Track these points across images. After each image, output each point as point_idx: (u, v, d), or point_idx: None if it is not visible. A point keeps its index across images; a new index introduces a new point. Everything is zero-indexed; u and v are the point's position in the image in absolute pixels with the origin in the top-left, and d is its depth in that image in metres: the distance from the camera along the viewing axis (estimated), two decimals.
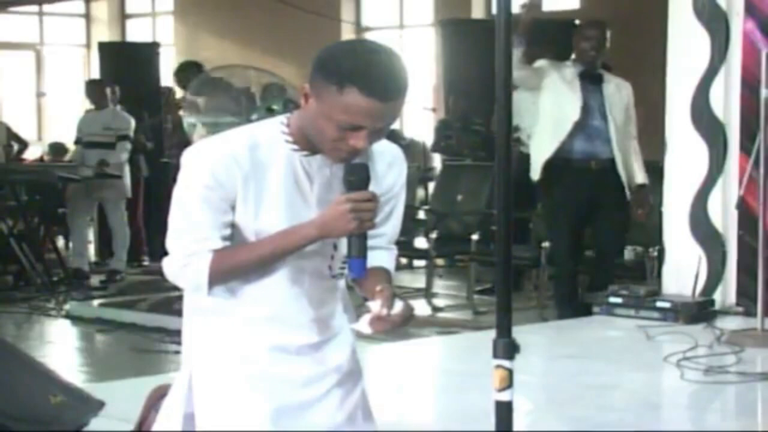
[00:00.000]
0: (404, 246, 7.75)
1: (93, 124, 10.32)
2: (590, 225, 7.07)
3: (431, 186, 10.85)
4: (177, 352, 3.82)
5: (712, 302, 6.57)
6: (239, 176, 2.39)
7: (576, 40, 6.95)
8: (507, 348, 2.55)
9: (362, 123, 2.31)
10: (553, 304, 7.32)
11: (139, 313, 8.07)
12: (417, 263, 10.17)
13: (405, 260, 9.98)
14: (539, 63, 6.91)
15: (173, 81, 10.36)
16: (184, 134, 7.28)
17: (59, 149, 13.42)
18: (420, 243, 8.99)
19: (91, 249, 11.09)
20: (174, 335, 6.01)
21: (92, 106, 10.64)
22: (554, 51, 7.42)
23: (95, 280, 10.01)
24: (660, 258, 7.03)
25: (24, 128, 13.31)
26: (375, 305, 2.37)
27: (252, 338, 2.49)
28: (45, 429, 3.95)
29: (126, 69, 11.76)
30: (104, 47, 13.57)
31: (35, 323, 8.37)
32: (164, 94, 11.37)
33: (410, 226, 8.99)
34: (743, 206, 6.15)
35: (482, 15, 13.31)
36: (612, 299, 6.59)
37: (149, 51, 12.75)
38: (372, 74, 2.28)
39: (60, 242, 11.13)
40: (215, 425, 2.48)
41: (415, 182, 10.70)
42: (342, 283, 2.59)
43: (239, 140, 2.42)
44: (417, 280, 9.39)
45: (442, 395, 5.31)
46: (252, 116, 6.53)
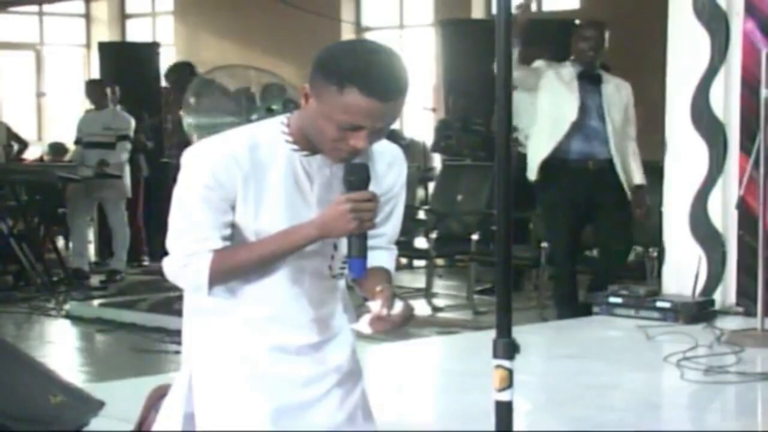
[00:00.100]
0: (404, 246, 7.74)
1: (93, 124, 10.33)
2: (591, 225, 7.07)
3: (431, 186, 10.84)
4: (177, 352, 3.82)
5: (712, 302, 6.56)
6: (239, 176, 2.39)
7: (574, 41, 6.94)
8: (507, 348, 2.55)
9: (362, 123, 2.31)
10: (553, 304, 7.32)
11: (139, 313, 8.07)
12: (417, 263, 10.16)
13: (405, 260, 9.98)
14: (537, 63, 6.90)
15: (166, 81, 10.37)
16: (184, 134, 7.28)
17: (59, 149, 13.42)
18: (420, 243, 8.99)
19: (91, 249, 11.09)
20: (174, 335, 6.02)
21: (92, 106, 10.65)
22: (554, 51, 7.42)
23: (95, 280, 10.01)
24: (660, 258, 7.02)
25: (24, 128, 13.31)
26: (375, 305, 2.37)
27: (252, 338, 2.49)
28: (45, 429, 3.95)
29: (126, 69, 11.76)
30: (104, 47, 13.57)
31: (35, 323, 8.37)
32: (164, 94, 11.37)
33: (410, 226, 8.99)
34: (743, 206, 6.15)
35: (482, 15, 13.31)
36: (612, 299, 6.59)
37: (149, 51, 12.75)
38: (372, 74, 2.28)
39: (60, 242, 11.13)
40: (215, 425, 2.48)
41: (415, 182, 10.69)
42: (342, 283, 2.59)
43: (239, 140, 2.42)
44: (417, 280, 9.38)
45: (442, 395, 5.30)
46: (252, 116, 6.53)
